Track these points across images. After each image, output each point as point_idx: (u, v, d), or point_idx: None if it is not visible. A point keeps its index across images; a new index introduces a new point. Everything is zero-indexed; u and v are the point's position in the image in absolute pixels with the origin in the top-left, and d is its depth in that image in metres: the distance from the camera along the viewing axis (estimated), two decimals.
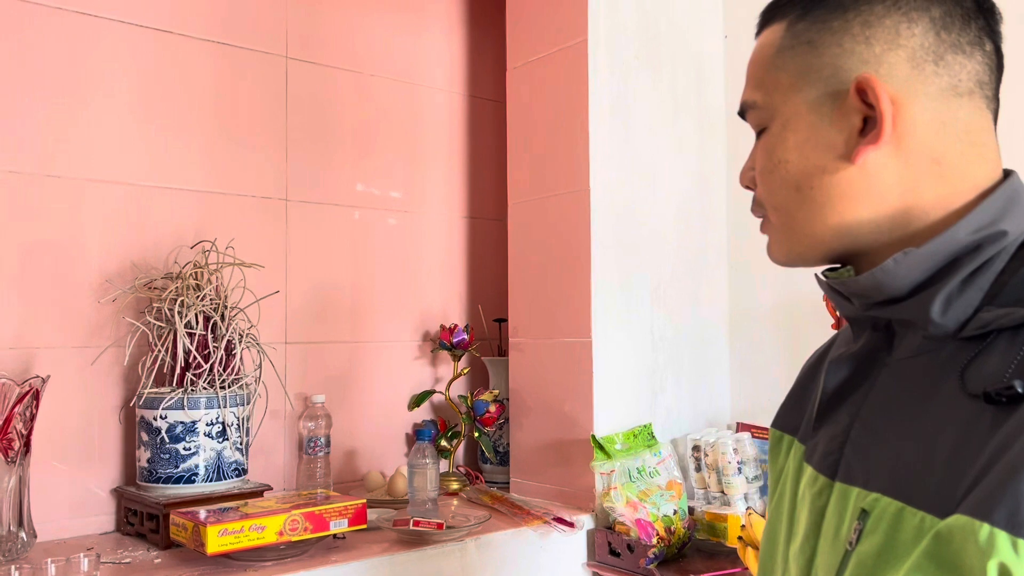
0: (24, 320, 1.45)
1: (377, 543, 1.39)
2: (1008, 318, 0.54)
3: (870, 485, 0.58)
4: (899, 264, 0.58)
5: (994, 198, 0.59)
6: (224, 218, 1.68)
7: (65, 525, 1.46)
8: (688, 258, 1.84)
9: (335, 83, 1.85)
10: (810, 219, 0.63)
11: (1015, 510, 0.48)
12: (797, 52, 0.63)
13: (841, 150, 0.61)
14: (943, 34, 0.59)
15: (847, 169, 0.60)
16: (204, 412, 1.44)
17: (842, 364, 0.65)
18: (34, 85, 1.47)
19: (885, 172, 0.60)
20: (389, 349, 1.93)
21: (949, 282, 0.57)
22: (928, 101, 0.59)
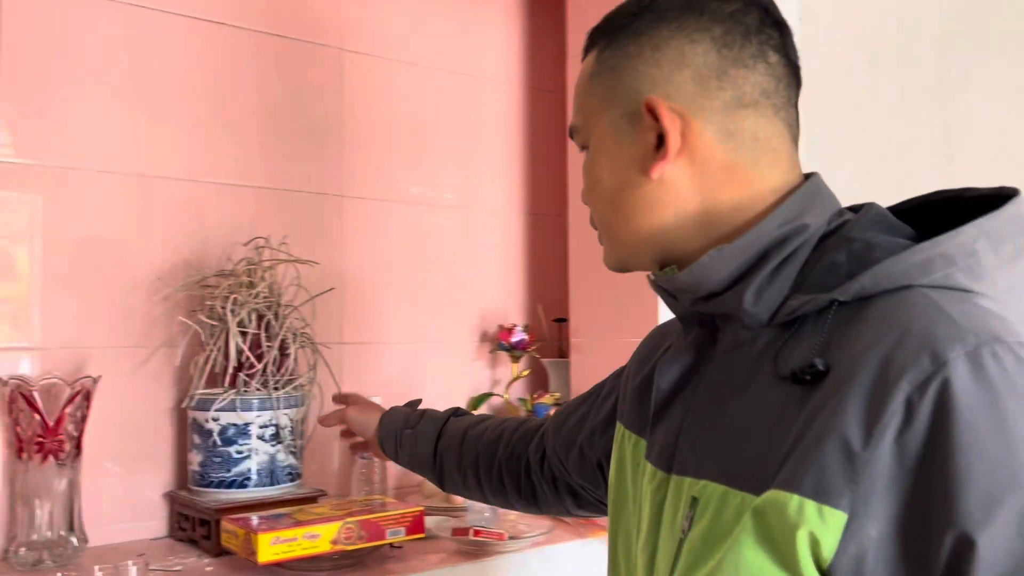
0: (77, 319, 1.42)
1: (435, 553, 1.31)
2: (812, 303, 0.59)
3: (699, 473, 0.61)
4: (713, 259, 0.62)
5: (796, 196, 0.63)
6: (279, 215, 1.63)
7: (117, 529, 1.42)
8: None
9: (391, 76, 1.79)
10: (625, 229, 0.69)
11: (820, 479, 0.51)
12: (603, 78, 0.69)
13: (640, 166, 0.66)
14: (724, 51, 0.64)
15: (648, 183, 0.66)
16: (257, 414, 1.39)
17: (673, 362, 0.70)
18: (89, 80, 1.44)
19: (681, 183, 0.65)
20: (447, 350, 1.86)
21: (759, 274, 0.61)
22: (713, 115, 0.64)
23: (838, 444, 0.51)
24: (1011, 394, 0.49)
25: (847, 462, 0.50)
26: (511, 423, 1.08)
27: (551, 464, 1.00)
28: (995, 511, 0.47)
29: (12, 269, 1.37)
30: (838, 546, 0.50)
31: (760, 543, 0.53)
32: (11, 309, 1.37)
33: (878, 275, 0.56)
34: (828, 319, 0.57)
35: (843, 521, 0.50)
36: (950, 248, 0.56)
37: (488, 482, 1.06)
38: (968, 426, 0.48)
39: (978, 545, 0.46)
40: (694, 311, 0.68)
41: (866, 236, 0.60)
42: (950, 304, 0.54)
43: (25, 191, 1.38)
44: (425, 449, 1.11)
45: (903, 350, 0.51)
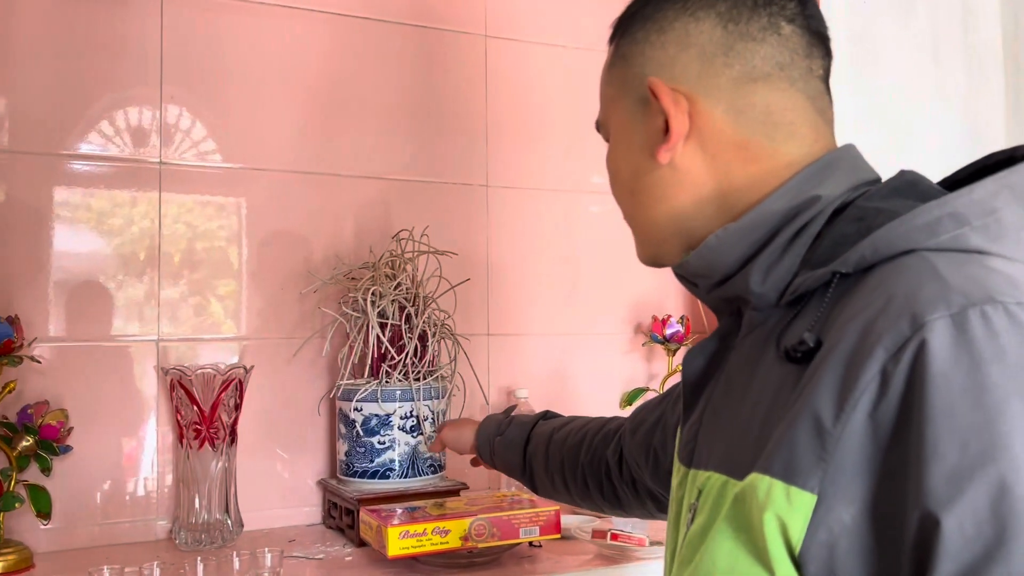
0: (236, 310, 1.49)
1: (572, 555, 1.25)
2: (812, 279, 0.54)
3: (708, 465, 0.59)
4: (720, 239, 0.60)
5: (812, 168, 0.60)
6: (425, 206, 1.63)
7: (275, 515, 1.48)
8: None
9: (536, 59, 1.74)
10: (646, 218, 0.67)
11: (789, 457, 0.47)
12: (616, 67, 0.68)
13: (650, 151, 0.64)
14: (730, 26, 0.61)
15: (660, 168, 0.63)
16: (398, 405, 1.39)
17: (697, 354, 0.67)
18: (239, 80, 1.50)
19: (693, 164, 0.62)
20: (598, 342, 1.79)
21: (767, 251, 0.57)
22: (721, 92, 0.61)
23: (810, 420, 0.47)
24: (996, 358, 0.43)
25: (817, 439, 0.46)
26: (595, 424, 1.06)
27: (630, 467, 0.96)
28: (964, 487, 0.41)
29: (184, 265, 1.46)
30: (806, 531, 0.46)
31: (736, 530, 0.50)
32: (190, 303, 1.45)
33: (878, 241, 0.51)
34: (830, 293, 0.53)
35: (811, 503, 0.46)
36: (962, 206, 0.50)
37: (574, 486, 1.04)
38: (940, 393, 0.43)
39: (943, 525, 0.41)
40: (718, 298, 0.64)
41: (880, 204, 0.55)
42: (949, 266, 0.48)
43: (228, 194, 1.47)
44: (514, 455, 1.11)
45: (884, 316, 0.46)
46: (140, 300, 1.42)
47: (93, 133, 1.41)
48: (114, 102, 1.42)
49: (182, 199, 1.46)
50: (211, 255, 1.48)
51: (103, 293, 1.40)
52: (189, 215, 1.47)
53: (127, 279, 1.42)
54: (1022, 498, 0.40)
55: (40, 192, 1.37)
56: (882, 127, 1.46)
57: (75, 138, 1.40)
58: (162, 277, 1.44)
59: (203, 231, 1.48)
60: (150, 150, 1.44)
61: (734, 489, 0.52)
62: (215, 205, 1.50)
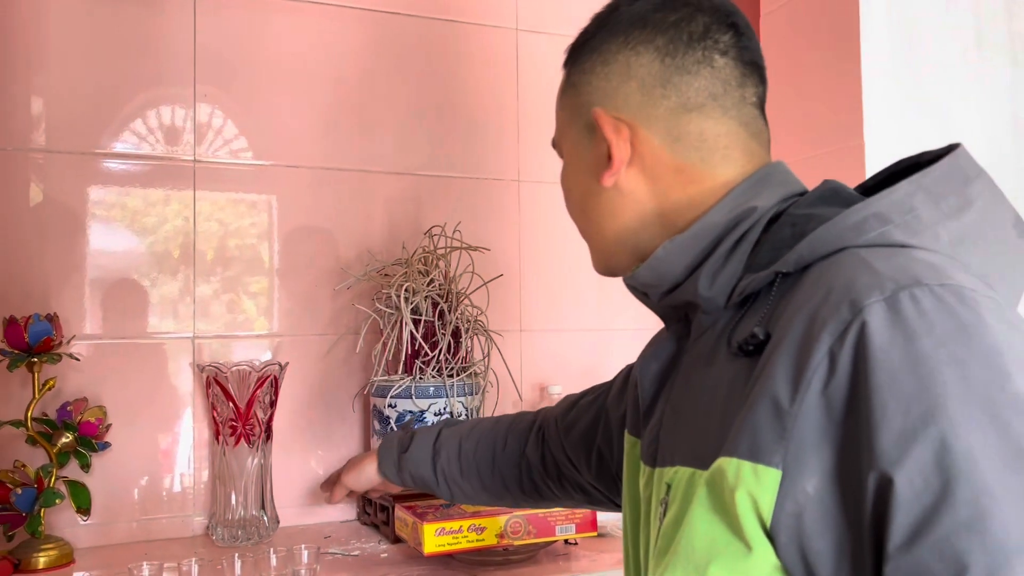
0: (272, 308, 1.49)
1: (609, 552, 1.24)
2: (757, 280, 0.59)
3: (673, 461, 0.62)
4: (668, 251, 0.64)
5: (744, 184, 0.65)
6: (457, 201, 1.62)
7: (309, 511, 1.48)
8: None
9: None
10: (596, 234, 0.72)
11: (753, 438, 0.51)
12: (568, 95, 0.73)
13: (596, 175, 0.69)
14: (667, 60, 0.66)
15: (605, 191, 0.68)
16: (432, 401, 1.38)
17: (652, 358, 0.70)
18: (271, 77, 1.51)
19: (636, 187, 0.67)
20: (634, 337, 1.76)
21: (711, 259, 0.62)
22: (659, 121, 0.66)
23: (769, 403, 0.51)
24: (927, 333, 0.48)
25: (776, 420, 0.50)
26: (503, 422, 1.07)
27: (558, 463, 0.98)
28: (910, 447, 0.45)
29: (218, 263, 1.46)
30: (775, 504, 0.50)
31: (711, 512, 0.53)
32: (224, 300, 1.46)
33: (814, 242, 0.56)
34: (774, 291, 0.58)
35: (777, 478, 0.50)
36: (883, 207, 0.56)
37: (493, 487, 1.05)
38: (882, 366, 0.47)
39: (895, 482, 0.45)
40: (667, 306, 0.68)
41: (809, 210, 0.60)
42: (879, 258, 0.53)
43: (260, 191, 1.47)
44: (424, 469, 1.08)
45: (827, 305, 0.51)
46: (175, 297, 1.43)
47: (127, 132, 1.42)
48: (148, 101, 1.43)
49: (215, 197, 1.47)
50: (244, 252, 1.48)
51: (138, 291, 1.41)
52: (222, 212, 1.48)
53: (162, 277, 1.43)
54: (961, 452, 0.44)
55: (76, 191, 1.38)
56: (924, 115, 1.43)
57: (110, 137, 1.40)
58: (196, 275, 1.44)
59: (236, 228, 1.48)
60: (183, 148, 1.44)
61: (703, 477, 0.55)
62: (247, 202, 1.50)
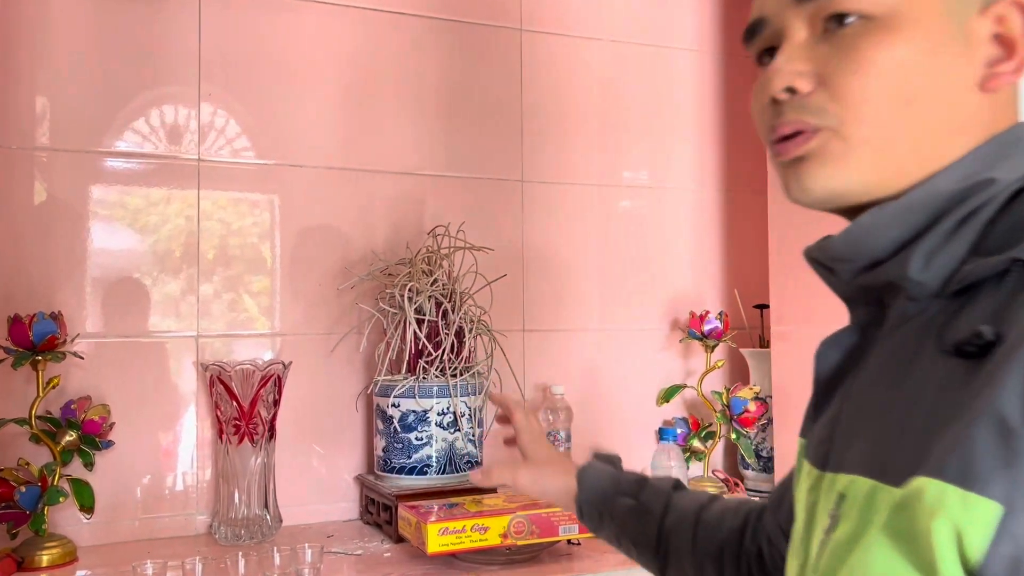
0: (273, 306, 1.49)
1: (612, 553, 1.23)
2: (988, 266, 0.49)
3: (850, 468, 0.53)
4: (875, 218, 0.54)
5: (984, 147, 0.54)
6: (460, 202, 1.62)
7: (312, 510, 1.48)
8: None
9: (572, 53, 1.73)
10: (908, 143, 0.54)
11: (967, 460, 0.42)
12: None
13: (976, 73, 0.54)
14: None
15: (976, 96, 0.54)
16: (435, 401, 1.38)
17: (832, 348, 0.60)
18: (275, 77, 1.51)
19: (995, 109, 0.55)
20: (635, 338, 1.77)
21: (931, 236, 0.52)
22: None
23: (993, 421, 0.42)
24: None
25: (1002, 442, 0.41)
26: (731, 505, 0.87)
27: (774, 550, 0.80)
28: None
29: (220, 262, 1.46)
30: (989, 544, 0.40)
31: (895, 541, 0.44)
32: (227, 299, 1.46)
33: None
34: (1007, 283, 0.47)
35: (996, 513, 0.40)
36: None
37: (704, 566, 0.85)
38: None
39: None
40: (860, 286, 0.57)
41: None
42: None
43: (262, 191, 1.47)
44: (649, 527, 0.87)
45: None
46: (178, 296, 1.43)
47: (130, 131, 1.42)
48: (152, 100, 1.43)
49: (217, 196, 1.47)
50: (247, 251, 1.48)
51: (141, 289, 1.41)
52: (224, 212, 1.48)
53: (165, 275, 1.43)
54: None
55: (80, 190, 1.38)
56: None
57: (113, 136, 1.40)
58: (200, 273, 1.44)
59: (239, 228, 1.48)
60: (187, 147, 1.44)
61: (888, 495, 0.47)
62: (250, 202, 1.50)
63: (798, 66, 0.56)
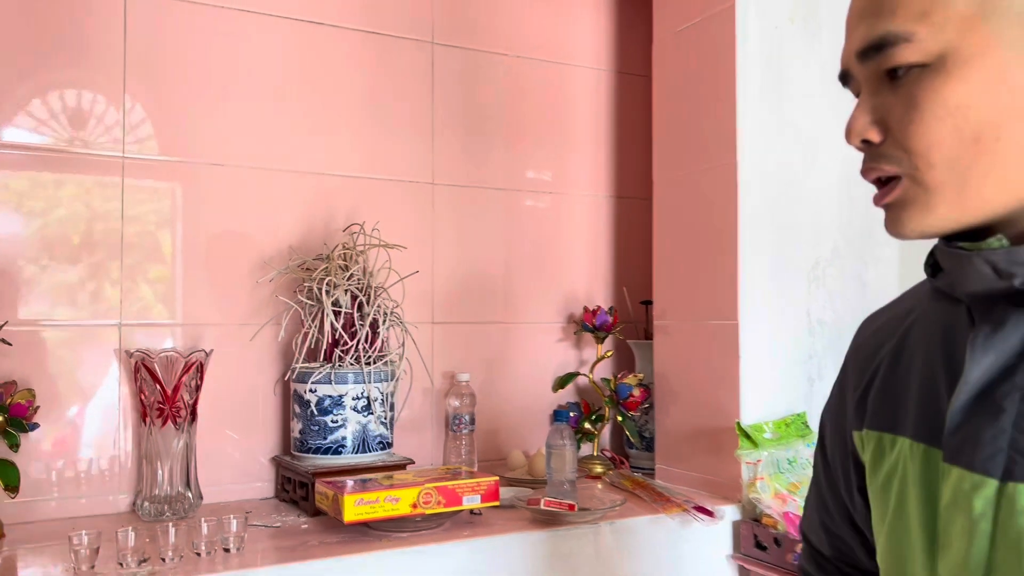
0: (194, 299, 1.57)
1: (511, 521, 1.39)
2: None
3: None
4: None
5: None
6: (374, 202, 1.74)
7: (230, 489, 1.58)
8: (852, 235, 1.70)
9: (481, 66, 1.87)
10: (987, 179, 0.55)
11: None
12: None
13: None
14: None
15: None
16: (351, 387, 1.50)
17: (985, 351, 0.57)
18: (194, 79, 1.59)
19: None
20: (534, 330, 1.93)
21: None
22: None
23: None
24: None
25: None
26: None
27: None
28: None
29: (154, 253, 1.53)
30: None
31: None
32: (150, 290, 1.53)
33: None
34: None
35: None
36: None
37: None
38: None
39: None
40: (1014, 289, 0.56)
41: None
42: None
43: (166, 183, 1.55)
44: None
45: None
46: (103, 285, 1.50)
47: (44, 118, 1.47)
48: (72, 89, 1.49)
49: (144, 189, 1.53)
50: (171, 245, 1.56)
51: (67, 278, 1.47)
52: (150, 205, 1.54)
53: (90, 264, 1.49)
54: None
55: None
56: (792, 141, 1.63)
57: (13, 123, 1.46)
58: (124, 264, 1.51)
59: (164, 221, 1.55)
60: (113, 141, 1.51)
61: None
62: (175, 197, 1.57)
63: (869, 117, 0.59)
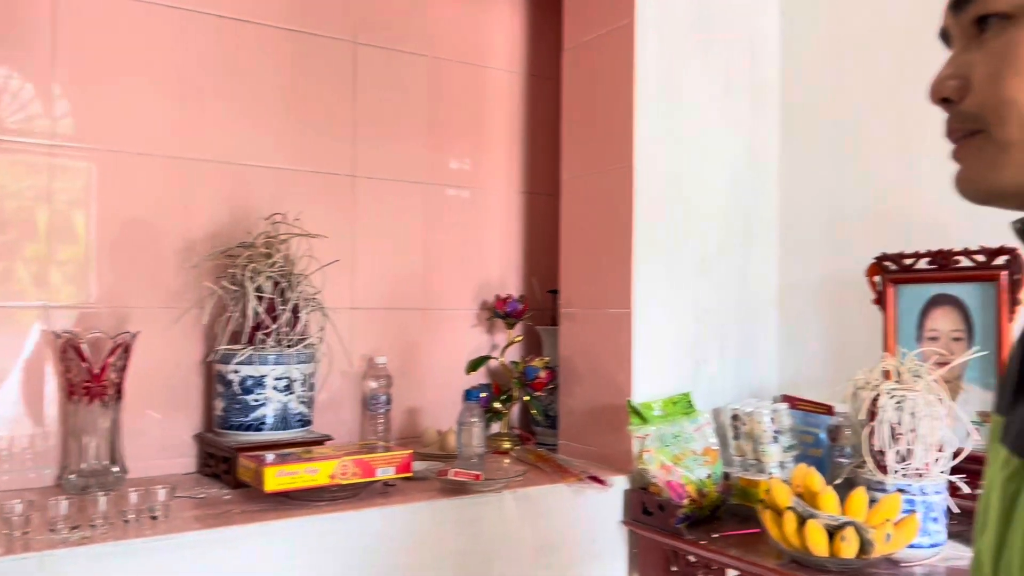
0: (121, 283, 1.64)
1: (423, 491, 1.51)
2: None
3: None
4: None
5: None
6: (296, 193, 1.82)
7: (154, 464, 1.65)
8: (737, 233, 1.88)
9: (402, 66, 1.97)
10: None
11: None
12: None
13: None
14: None
15: None
16: (272, 368, 1.59)
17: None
18: (119, 69, 1.64)
19: None
20: (451, 316, 2.05)
21: None
22: None
23: None
24: None
25: None
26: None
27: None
28: None
29: (71, 236, 1.59)
30: None
31: None
32: (67, 271, 1.59)
33: None
34: None
35: None
36: None
37: None
38: None
39: None
40: None
41: None
42: None
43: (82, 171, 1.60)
44: None
45: None
46: (30, 267, 1.55)
47: None
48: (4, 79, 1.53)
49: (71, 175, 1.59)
50: (98, 230, 1.62)
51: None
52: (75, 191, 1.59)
53: (18, 246, 1.54)
54: None
55: None
56: (684, 147, 1.79)
57: None
58: (52, 246, 1.57)
59: (92, 208, 1.61)
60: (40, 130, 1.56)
61: None
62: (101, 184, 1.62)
63: (953, 75, 0.58)
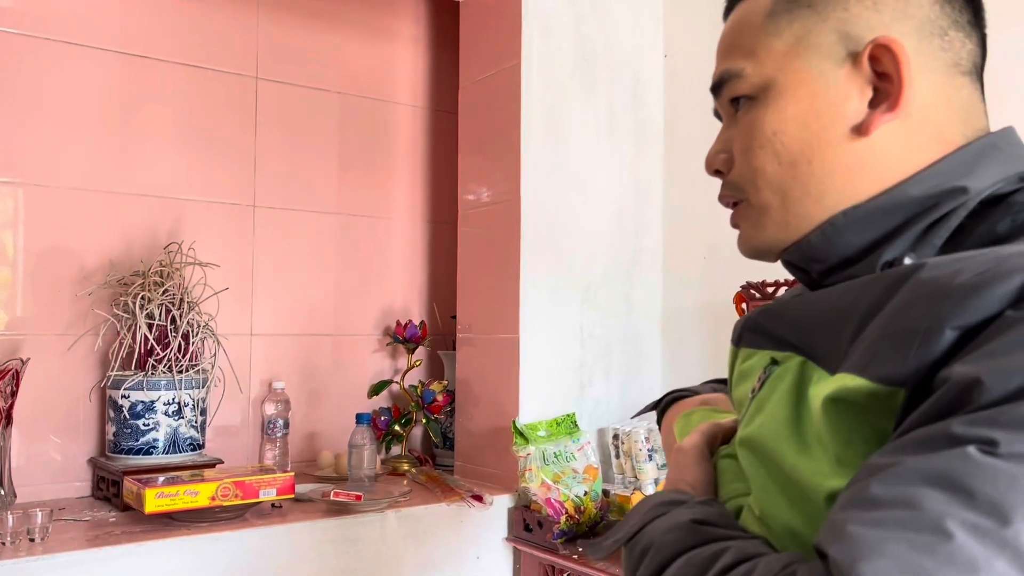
0: (13, 310, 1.67)
1: (307, 512, 1.57)
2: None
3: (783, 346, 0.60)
4: (848, 219, 0.56)
5: (956, 155, 0.56)
6: (196, 222, 1.88)
7: (48, 489, 1.68)
8: (621, 262, 1.99)
9: (304, 101, 2.04)
10: (805, 198, 0.59)
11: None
12: (795, 16, 0.59)
13: (851, 121, 0.57)
14: (947, 8, 0.57)
15: (854, 142, 0.57)
16: (162, 393, 1.64)
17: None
18: (24, 104, 1.69)
19: (889, 148, 0.56)
20: (354, 342, 2.11)
21: (899, 240, 0.54)
22: (935, 76, 0.57)
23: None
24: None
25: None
26: None
27: None
28: None
29: None
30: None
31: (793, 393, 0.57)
32: None
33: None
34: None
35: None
36: None
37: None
38: None
39: None
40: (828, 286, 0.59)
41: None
42: None
43: None
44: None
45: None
46: None
47: None
48: None
49: None
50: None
51: None
52: None
53: None
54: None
55: None
56: (570, 180, 1.90)
57: None
58: None
59: None
60: None
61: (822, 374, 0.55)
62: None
63: (721, 149, 0.64)
